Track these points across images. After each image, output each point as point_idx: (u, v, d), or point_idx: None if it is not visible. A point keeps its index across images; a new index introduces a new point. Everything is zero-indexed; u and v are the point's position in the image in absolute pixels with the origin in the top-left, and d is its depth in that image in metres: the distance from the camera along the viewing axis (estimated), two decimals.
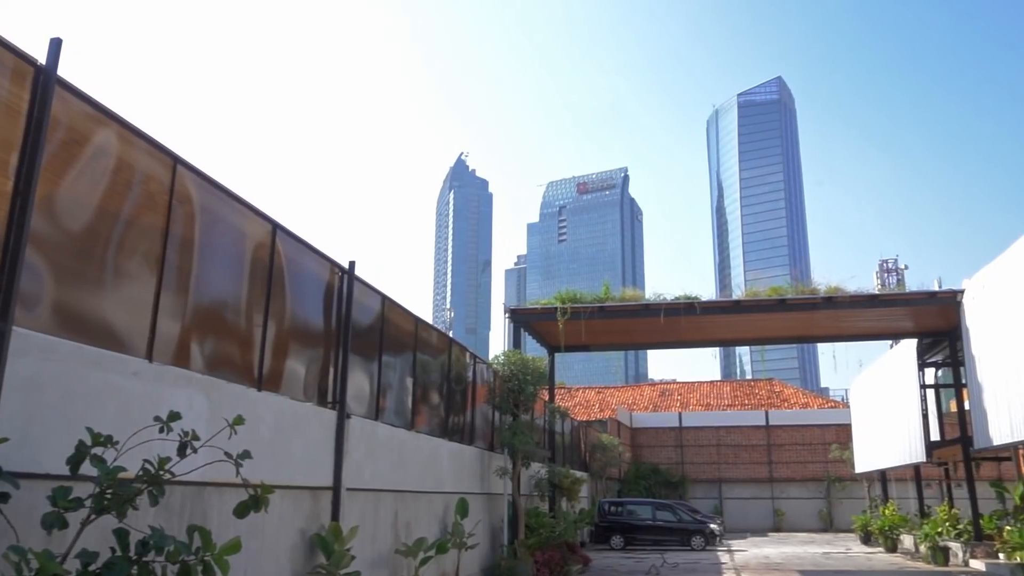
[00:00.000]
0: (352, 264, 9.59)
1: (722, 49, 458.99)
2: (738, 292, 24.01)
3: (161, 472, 4.53)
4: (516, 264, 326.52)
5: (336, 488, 8.78)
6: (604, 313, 20.93)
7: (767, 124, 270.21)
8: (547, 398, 22.31)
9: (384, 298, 10.85)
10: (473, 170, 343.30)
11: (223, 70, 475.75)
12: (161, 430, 4.74)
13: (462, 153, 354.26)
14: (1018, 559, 16.30)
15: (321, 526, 8.42)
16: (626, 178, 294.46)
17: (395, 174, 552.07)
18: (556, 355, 24.16)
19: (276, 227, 7.95)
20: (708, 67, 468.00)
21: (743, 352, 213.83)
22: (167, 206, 6.27)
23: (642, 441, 43.78)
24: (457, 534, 12.34)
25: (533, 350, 23.05)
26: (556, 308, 20.74)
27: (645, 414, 45.69)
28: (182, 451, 4.69)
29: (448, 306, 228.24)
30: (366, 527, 9.60)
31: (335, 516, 8.67)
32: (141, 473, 4.50)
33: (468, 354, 15.52)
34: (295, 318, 8.61)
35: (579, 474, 25.30)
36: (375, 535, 9.99)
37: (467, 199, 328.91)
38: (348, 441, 9.05)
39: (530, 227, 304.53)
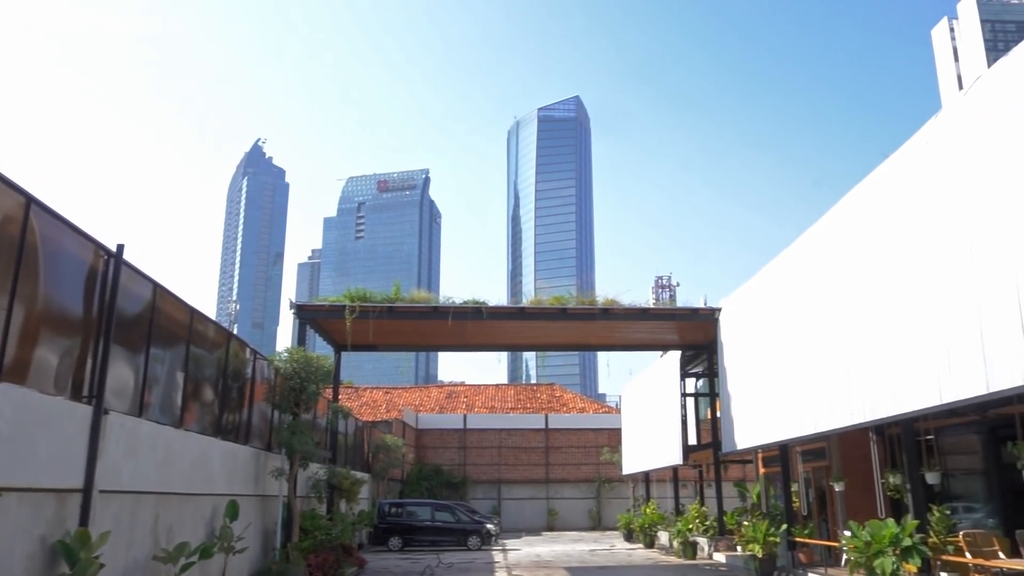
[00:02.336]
0: (120, 248, 8.88)
1: (526, 62, 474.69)
2: (527, 300, 24.90)
3: None
4: (310, 258, 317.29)
5: (87, 490, 8.07)
6: (393, 314, 20.86)
7: (564, 140, 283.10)
8: (331, 397, 21.87)
9: (156, 286, 10.15)
10: (270, 158, 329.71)
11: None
12: None
13: (259, 139, 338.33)
14: (751, 551, 18.22)
15: (67, 532, 7.70)
16: (427, 180, 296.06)
17: (184, 155, 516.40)
18: (344, 354, 23.77)
19: (31, 200, 7.19)
20: (512, 79, 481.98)
21: (530, 357, 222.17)
22: None
23: (427, 442, 44.10)
24: (225, 538, 11.76)
25: (322, 348, 22.51)
26: (344, 306, 20.38)
27: (431, 415, 46.08)
28: None
29: (234, 298, 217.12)
30: (121, 532, 8.91)
31: (84, 521, 7.96)
32: None
33: (248, 350, 14.90)
34: (48, 303, 7.83)
35: (360, 475, 25.04)
36: (131, 540, 9.29)
37: (261, 187, 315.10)
38: (105, 439, 8.36)
39: (327, 221, 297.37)
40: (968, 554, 12.01)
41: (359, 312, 20.28)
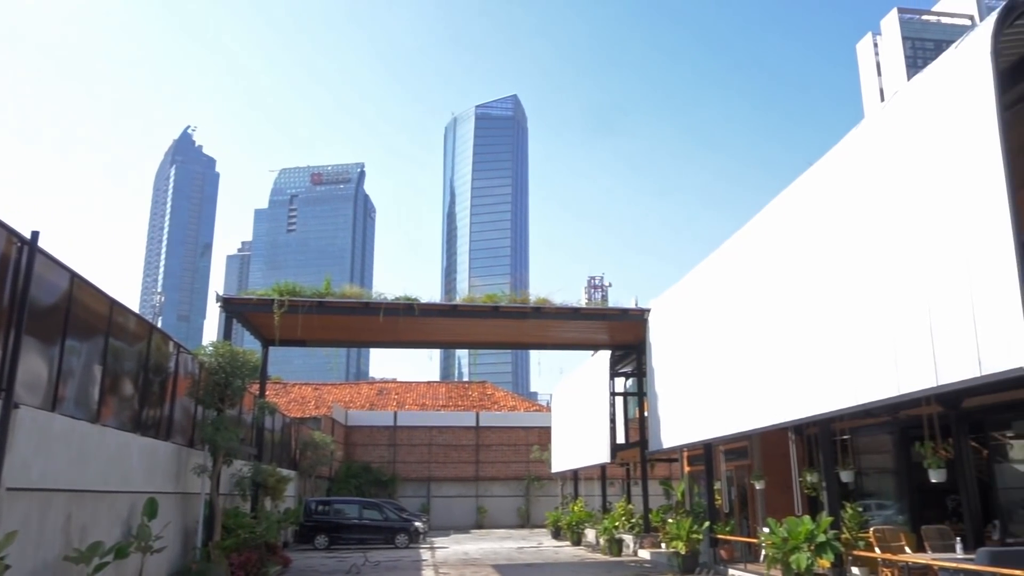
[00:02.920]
0: (35, 235, 8.55)
1: (464, 59, 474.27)
2: (461, 297, 24.81)
3: None
4: (240, 250, 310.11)
5: None
6: (323, 309, 20.54)
7: (501, 138, 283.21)
8: (258, 393, 21.43)
9: (73, 275, 9.79)
10: (200, 146, 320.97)
11: None
12: None
13: (189, 126, 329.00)
14: (675, 548, 18.59)
15: None
16: (362, 174, 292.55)
17: (108, 140, 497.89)
18: (273, 348, 23.30)
19: None
20: (450, 74, 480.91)
21: (462, 355, 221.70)
22: None
23: (356, 439, 43.65)
24: (142, 537, 11.42)
25: (250, 343, 22.01)
26: (273, 300, 19.98)
27: (361, 412, 45.60)
28: None
29: (159, 290, 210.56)
30: (30, 532, 8.57)
31: None
32: None
33: (171, 343, 14.48)
34: None
35: (286, 472, 24.57)
36: (41, 540, 8.94)
37: (190, 176, 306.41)
38: (14, 434, 8.03)
39: (258, 213, 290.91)
40: (877, 549, 12.52)
41: (288, 307, 19.91)
